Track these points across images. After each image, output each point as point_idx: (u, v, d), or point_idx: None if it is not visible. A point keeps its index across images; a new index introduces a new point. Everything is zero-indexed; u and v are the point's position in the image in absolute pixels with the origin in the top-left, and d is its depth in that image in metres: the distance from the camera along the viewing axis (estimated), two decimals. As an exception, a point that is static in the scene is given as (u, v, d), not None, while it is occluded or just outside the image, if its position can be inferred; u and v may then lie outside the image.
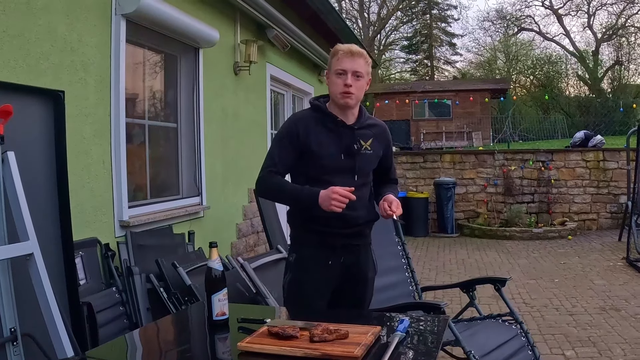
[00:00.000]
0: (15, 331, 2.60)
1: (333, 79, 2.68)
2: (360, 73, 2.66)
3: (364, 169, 2.75)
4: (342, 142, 2.69)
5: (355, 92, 2.65)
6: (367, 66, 2.71)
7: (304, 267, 2.71)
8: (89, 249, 3.88)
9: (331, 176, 2.64)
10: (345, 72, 2.64)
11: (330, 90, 2.73)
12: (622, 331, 5.01)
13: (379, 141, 2.81)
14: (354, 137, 2.71)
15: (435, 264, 8.49)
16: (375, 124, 2.86)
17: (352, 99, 2.65)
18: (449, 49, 39.24)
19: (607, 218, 11.29)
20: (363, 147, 2.73)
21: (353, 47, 2.68)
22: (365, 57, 2.70)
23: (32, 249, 2.62)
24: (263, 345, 1.89)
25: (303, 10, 8.23)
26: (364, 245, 2.85)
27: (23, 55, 3.40)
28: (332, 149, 2.68)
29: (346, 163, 2.69)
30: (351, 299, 2.79)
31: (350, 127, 2.72)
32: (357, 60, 2.65)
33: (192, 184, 5.64)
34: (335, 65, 2.68)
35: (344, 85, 2.63)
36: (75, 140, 3.80)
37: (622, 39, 31.72)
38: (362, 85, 2.70)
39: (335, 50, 2.72)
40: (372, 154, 2.77)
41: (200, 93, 5.66)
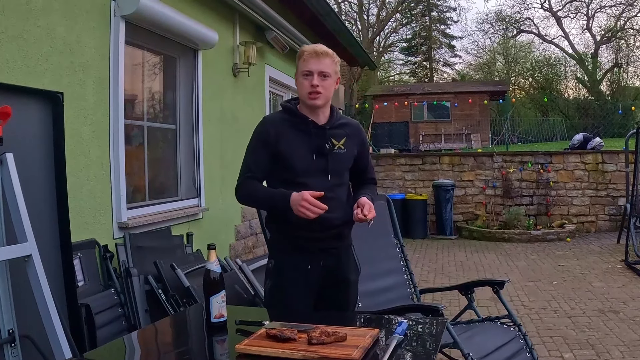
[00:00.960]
0: (14, 332, 2.60)
1: (300, 80, 2.67)
2: (326, 73, 2.64)
3: (337, 169, 2.72)
4: (313, 142, 2.67)
5: (322, 91, 2.63)
6: (334, 65, 2.69)
7: (284, 274, 2.68)
8: (87, 250, 3.88)
9: (305, 178, 2.62)
10: (312, 72, 2.62)
11: (299, 92, 2.71)
12: (620, 333, 5.01)
13: (352, 140, 2.78)
14: (325, 137, 2.69)
15: (433, 266, 8.49)
16: (348, 123, 2.85)
17: (319, 99, 2.64)
18: (448, 51, 39.31)
19: (605, 220, 11.29)
20: (336, 146, 2.70)
21: (318, 48, 2.67)
22: (331, 57, 2.68)
23: (30, 251, 2.62)
24: (261, 347, 1.89)
25: (302, 12, 8.24)
26: (343, 247, 2.81)
27: (22, 56, 3.40)
28: (303, 150, 2.65)
29: (318, 164, 2.66)
30: (335, 302, 2.74)
31: (322, 127, 2.70)
32: (322, 61, 2.64)
33: (190, 186, 5.64)
34: (301, 67, 2.67)
35: (311, 85, 2.61)
36: (74, 141, 3.80)
37: (621, 41, 31.77)
38: (330, 85, 2.68)
39: (300, 52, 2.71)
40: (345, 153, 2.74)
41: (199, 94, 5.66)
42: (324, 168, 2.67)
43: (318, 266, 2.69)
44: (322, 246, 2.68)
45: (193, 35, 5.30)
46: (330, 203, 2.53)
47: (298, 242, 2.65)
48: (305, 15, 8.45)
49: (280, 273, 2.69)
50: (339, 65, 2.75)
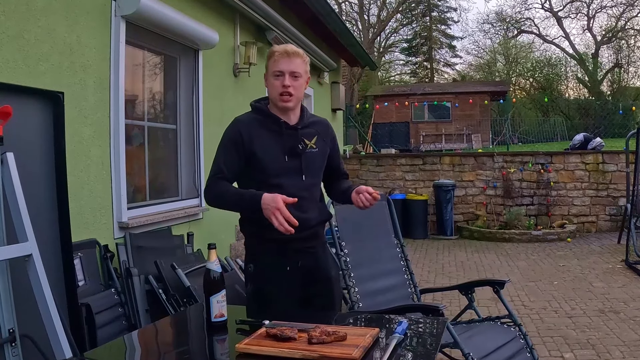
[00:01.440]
0: (14, 332, 2.60)
1: (271, 81, 2.65)
2: (297, 73, 2.63)
3: (311, 168, 2.72)
4: (285, 143, 2.66)
5: (294, 92, 2.63)
6: (304, 65, 2.69)
7: (264, 277, 2.66)
8: (87, 250, 3.89)
9: (279, 178, 2.61)
10: (283, 73, 2.61)
11: (269, 93, 2.69)
12: (620, 334, 5.01)
13: (323, 138, 2.79)
14: (297, 137, 2.68)
15: (434, 266, 8.49)
16: (317, 121, 2.85)
17: (291, 101, 2.64)
18: (448, 51, 39.34)
19: (606, 220, 11.29)
20: (308, 146, 2.70)
21: (289, 48, 2.66)
22: (302, 57, 2.68)
23: (31, 250, 2.63)
24: (261, 347, 1.89)
25: (303, 12, 8.25)
26: (319, 245, 2.81)
27: (23, 56, 3.41)
28: (275, 151, 2.64)
29: (292, 164, 2.65)
30: (320, 301, 2.74)
31: (294, 127, 2.69)
32: (293, 61, 2.63)
33: (191, 186, 5.65)
34: (272, 67, 2.65)
35: (282, 86, 2.60)
36: (75, 141, 3.81)
37: (621, 41, 31.77)
38: (301, 85, 2.67)
39: (271, 52, 2.69)
40: (317, 152, 2.74)
41: (199, 94, 5.67)
42: (298, 168, 2.67)
43: (296, 266, 2.68)
44: (299, 246, 2.67)
45: (194, 35, 5.31)
46: (305, 203, 2.57)
47: (275, 244, 2.62)
48: (306, 16, 8.47)
49: (261, 277, 2.68)
50: (309, 65, 2.75)
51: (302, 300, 2.71)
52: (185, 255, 4.74)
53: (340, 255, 3.53)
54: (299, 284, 2.69)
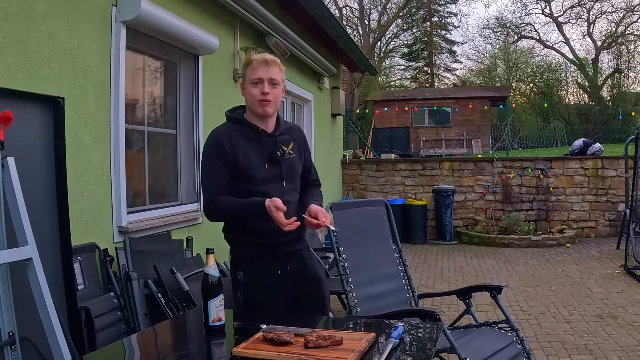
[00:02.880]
0: (14, 335, 2.61)
1: (249, 89, 2.71)
2: (276, 80, 2.71)
3: (290, 173, 2.81)
4: (264, 150, 2.74)
5: (273, 99, 2.70)
6: (281, 73, 2.77)
7: (255, 284, 2.70)
8: (87, 254, 3.90)
9: (262, 186, 2.69)
10: (262, 80, 2.68)
11: (247, 101, 2.76)
12: (619, 339, 5.02)
13: (298, 144, 2.89)
14: (275, 144, 2.77)
15: (433, 271, 8.50)
16: (291, 127, 2.95)
17: (270, 106, 2.71)
18: (449, 57, 39.44)
19: (605, 226, 11.30)
20: (286, 152, 2.80)
21: (267, 56, 2.73)
22: (279, 65, 2.76)
23: (30, 254, 2.64)
24: (258, 351, 1.91)
25: (303, 17, 8.28)
26: (305, 248, 2.92)
27: (23, 61, 3.42)
28: (256, 158, 2.72)
29: (272, 171, 2.74)
30: (311, 302, 2.83)
31: (272, 134, 2.77)
32: (271, 68, 2.70)
33: (190, 190, 5.66)
34: (250, 75, 2.71)
35: (262, 93, 2.67)
36: (75, 146, 3.82)
37: (621, 46, 31.83)
38: (279, 93, 2.75)
39: (248, 60, 2.75)
40: (295, 157, 2.84)
41: (199, 99, 5.69)
42: (279, 174, 2.76)
43: (286, 269, 2.78)
44: (286, 250, 2.78)
45: (194, 41, 5.33)
46: (289, 207, 2.63)
47: (263, 250, 2.71)
48: (306, 21, 8.49)
49: (252, 284, 2.72)
50: (284, 73, 2.82)
51: (293, 302, 2.78)
52: (184, 260, 4.75)
53: (338, 260, 3.55)
54: (290, 287, 2.77)
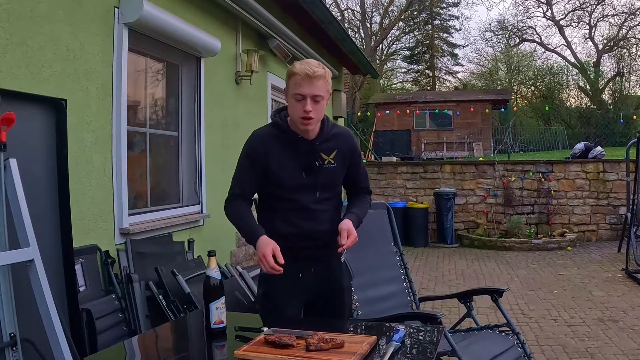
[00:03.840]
0: (15, 336, 2.61)
1: (292, 102, 2.58)
2: (320, 97, 2.55)
3: (326, 184, 2.70)
4: (302, 159, 2.64)
5: (315, 116, 2.56)
6: (326, 85, 2.59)
7: (275, 281, 2.58)
8: (89, 255, 3.90)
9: (293, 194, 2.64)
10: (304, 97, 2.53)
11: (290, 112, 2.64)
12: (619, 342, 5.01)
13: (343, 152, 2.74)
14: (315, 153, 2.66)
15: (434, 274, 8.49)
16: (338, 133, 2.77)
17: (312, 123, 2.58)
18: (450, 60, 39.39)
19: (606, 229, 11.29)
20: (325, 161, 2.67)
21: (310, 70, 2.52)
22: (324, 77, 2.56)
23: (32, 256, 2.64)
24: (259, 353, 1.91)
25: (305, 20, 8.28)
26: (333, 255, 2.73)
27: (26, 63, 3.43)
28: (291, 167, 2.63)
29: (307, 180, 2.65)
30: (329, 309, 2.74)
31: (311, 143, 2.65)
32: (316, 84, 2.53)
33: (192, 192, 5.67)
34: (293, 89, 2.56)
35: (304, 111, 2.53)
36: (77, 147, 3.83)
37: (623, 50, 31.82)
38: (322, 106, 2.61)
39: (291, 71, 2.58)
40: (335, 167, 2.71)
41: (201, 102, 5.70)
42: (313, 184, 2.66)
43: (309, 273, 2.70)
44: (311, 254, 2.69)
45: (196, 43, 5.34)
46: (317, 214, 2.62)
47: (288, 252, 2.56)
48: (308, 24, 8.50)
49: (271, 281, 2.63)
50: (331, 80, 2.66)
51: (310, 305, 2.75)
52: (185, 262, 4.75)
53: (339, 262, 3.54)
54: (309, 290, 2.72)
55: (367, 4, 34.89)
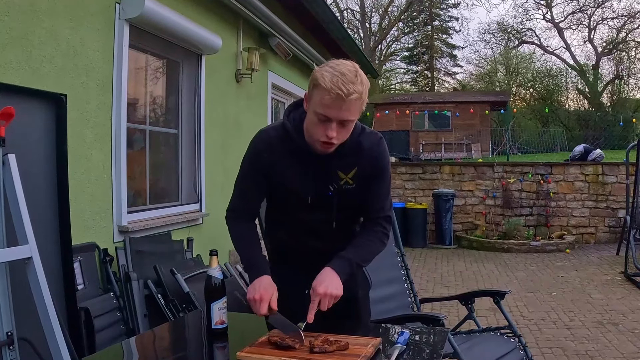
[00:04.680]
0: (12, 335, 2.58)
1: (313, 118, 2.04)
2: (349, 121, 2.04)
3: (342, 205, 2.23)
4: (311, 180, 2.19)
5: (338, 140, 2.06)
6: (361, 104, 2.03)
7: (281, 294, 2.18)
8: (87, 253, 3.88)
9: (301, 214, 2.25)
10: (330, 119, 2.00)
11: (307, 127, 2.11)
12: (619, 345, 4.99)
13: (365, 170, 2.21)
14: (328, 172, 2.18)
15: (432, 275, 8.47)
16: (362, 145, 2.19)
17: (333, 147, 2.09)
18: (449, 61, 39.46)
19: (605, 232, 11.28)
20: (342, 181, 2.19)
21: (344, 89, 1.94)
22: (361, 97, 1.99)
23: (30, 253, 2.61)
24: (263, 355, 1.88)
25: (306, 19, 8.27)
26: None
27: (26, 57, 3.40)
28: (298, 187, 2.20)
29: (319, 204, 2.21)
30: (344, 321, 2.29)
31: (326, 159, 2.15)
32: (349, 107, 1.98)
33: (191, 191, 5.64)
34: (316, 105, 2.01)
35: (326, 135, 2.02)
36: (76, 144, 3.80)
37: (622, 53, 31.87)
38: (350, 129, 2.09)
39: (318, 83, 1.99)
40: (354, 188, 2.21)
41: (201, 99, 5.67)
42: (326, 206, 2.23)
43: None
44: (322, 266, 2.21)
45: (197, 40, 5.31)
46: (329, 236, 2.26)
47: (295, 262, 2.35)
48: (309, 23, 8.48)
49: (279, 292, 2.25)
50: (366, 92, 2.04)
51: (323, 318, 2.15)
52: (184, 261, 4.72)
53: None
54: None
55: (367, 4, 34.97)
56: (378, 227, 2.30)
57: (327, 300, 2.05)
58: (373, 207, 2.30)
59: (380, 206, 2.30)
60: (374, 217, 2.31)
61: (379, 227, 2.30)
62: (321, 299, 2.05)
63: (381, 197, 2.29)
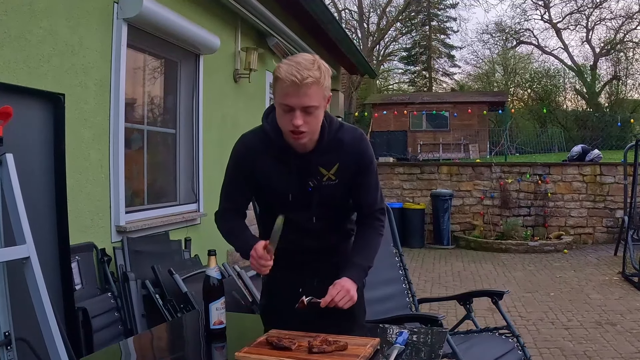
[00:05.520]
0: (10, 335, 2.58)
1: (279, 111, 2.10)
2: (312, 107, 2.04)
3: (325, 202, 2.26)
4: (292, 178, 2.22)
5: (307, 129, 2.07)
6: (322, 90, 2.06)
7: (275, 294, 2.35)
8: (85, 253, 3.87)
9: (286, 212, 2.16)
10: (293, 109, 2.03)
11: (278, 122, 2.14)
12: (617, 346, 4.99)
13: (347, 165, 2.24)
14: (309, 169, 2.20)
15: (430, 275, 8.47)
16: (344, 142, 2.23)
17: (304, 137, 2.09)
18: (447, 61, 39.43)
19: (603, 232, 11.28)
20: (325, 177, 2.21)
21: (298, 74, 1.99)
22: (318, 82, 2.02)
23: (28, 253, 2.60)
24: (261, 355, 1.87)
25: (304, 19, 8.26)
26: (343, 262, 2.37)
27: (24, 57, 3.39)
28: (279, 185, 2.24)
29: (300, 201, 2.23)
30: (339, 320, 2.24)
31: (306, 156, 2.19)
32: (306, 93, 2.01)
33: (189, 191, 5.63)
34: (279, 96, 2.06)
35: (292, 124, 2.04)
36: (74, 144, 3.79)
37: (620, 53, 31.89)
38: (318, 115, 2.09)
39: (276, 74, 2.05)
40: (336, 184, 2.23)
41: (199, 99, 5.66)
42: (307, 204, 2.25)
43: (312, 286, 2.30)
44: (315, 266, 2.35)
45: (195, 40, 5.30)
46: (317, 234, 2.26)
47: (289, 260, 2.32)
48: (307, 23, 8.47)
49: (271, 293, 2.43)
50: (329, 80, 2.11)
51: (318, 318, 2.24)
52: (182, 261, 4.72)
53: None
54: None
55: (365, 4, 34.93)
56: (375, 221, 2.37)
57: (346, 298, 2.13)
58: (366, 202, 2.36)
59: (373, 199, 2.36)
60: (368, 212, 2.36)
61: (376, 221, 2.37)
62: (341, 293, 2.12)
63: (372, 191, 2.36)
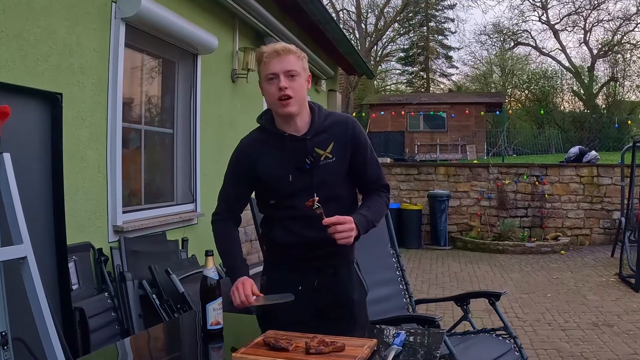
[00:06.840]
0: (6, 335, 2.56)
1: (266, 87, 2.32)
2: (294, 71, 2.27)
3: (324, 182, 2.34)
4: (290, 160, 2.33)
5: (293, 94, 2.27)
6: (300, 61, 2.32)
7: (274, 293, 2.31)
8: (82, 253, 3.86)
9: (289, 199, 2.33)
10: (277, 74, 2.27)
11: (267, 102, 2.36)
12: (614, 347, 5.00)
13: (342, 143, 2.37)
14: (305, 149, 2.32)
15: (427, 276, 8.48)
16: (335, 121, 2.41)
17: (292, 104, 2.27)
18: (445, 62, 39.42)
19: (600, 234, 11.31)
20: (322, 156, 2.33)
21: (278, 45, 2.31)
22: (295, 52, 2.31)
23: (25, 253, 2.59)
24: (258, 356, 1.87)
25: (302, 19, 8.26)
26: (343, 265, 2.47)
27: (21, 56, 3.38)
28: (279, 169, 2.34)
29: (300, 182, 2.32)
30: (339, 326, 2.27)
31: (301, 139, 2.33)
32: (286, 58, 2.27)
33: (186, 191, 5.62)
34: (264, 71, 2.31)
35: (279, 89, 2.26)
36: (71, 143, 3.78)
37: (617, 55, 31.92)
38: (301, 85, 2.31)
39: (259, 54, 2.34)
40: (334, 162, 2.35)
41: (197, 99, 5.65)
42: (308, 185, 2.32)
43: (311, 286, 2.39)
44: (315, 265, 2.40)
45: (193, 40, 5.29)
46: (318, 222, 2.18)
47: (289, 260, 2.40)
48: (305, 23, 8.47)
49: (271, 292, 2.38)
50: (306, 62, 2.38)
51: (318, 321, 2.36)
52: (179, 261, 4.71)
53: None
54: (314, 306, 2.40)
55: (363, 4, 34.91)
56: (381, 193, 2.49)
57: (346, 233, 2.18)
58: (370, 177, 2.48)
59: (377, 175, 2.49)
60: (373, 187, 2.49)
61: (383, 194, 2.49)
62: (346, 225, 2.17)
63: (374, 166, 2.49)
